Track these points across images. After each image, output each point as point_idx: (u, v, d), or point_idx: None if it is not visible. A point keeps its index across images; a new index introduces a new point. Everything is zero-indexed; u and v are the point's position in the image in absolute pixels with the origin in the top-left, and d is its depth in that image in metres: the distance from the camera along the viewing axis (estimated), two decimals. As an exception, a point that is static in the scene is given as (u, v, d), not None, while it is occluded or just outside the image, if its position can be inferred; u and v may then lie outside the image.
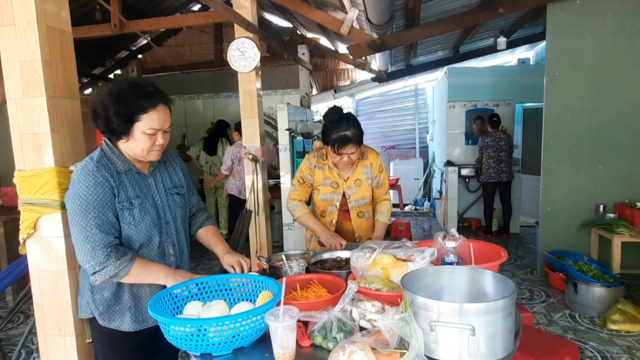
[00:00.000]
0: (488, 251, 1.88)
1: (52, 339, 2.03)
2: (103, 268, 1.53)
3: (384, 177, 2.52)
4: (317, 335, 1.41)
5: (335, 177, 2.47)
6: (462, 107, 6.86)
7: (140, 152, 1.61)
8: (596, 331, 3.35)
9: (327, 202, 2.50)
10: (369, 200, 2.52)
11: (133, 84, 1.59)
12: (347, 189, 2.46)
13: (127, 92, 1.56)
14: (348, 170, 2.46)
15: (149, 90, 1.58)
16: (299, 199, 2.52)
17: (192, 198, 1.95)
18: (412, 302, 1.30)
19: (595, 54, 4.17)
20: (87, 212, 1.53)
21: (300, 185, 2.52)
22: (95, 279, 1.56)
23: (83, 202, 1.54)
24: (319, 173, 2.48)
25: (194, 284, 1.63)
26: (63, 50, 1.99)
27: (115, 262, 1.54)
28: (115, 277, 1.57)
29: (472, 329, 1.20)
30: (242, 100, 4.36)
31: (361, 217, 2.52)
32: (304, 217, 2.47)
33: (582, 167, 4.28)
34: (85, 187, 1.55)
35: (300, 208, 2.49)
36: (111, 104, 1.54)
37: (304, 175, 2.50)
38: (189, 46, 7.72)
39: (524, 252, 5.53)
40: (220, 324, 1.35)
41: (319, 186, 2.49)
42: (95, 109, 1.59)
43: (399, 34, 4.77)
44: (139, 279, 1.62)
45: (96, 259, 1.52)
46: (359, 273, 1.71)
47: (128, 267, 1.56)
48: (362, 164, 2.47)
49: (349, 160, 2.33)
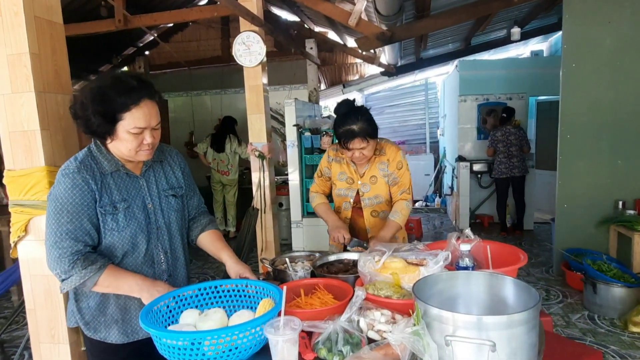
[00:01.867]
0: (505, 253, 1.75)
1: (46, 346, 1.95)
2: (69, 277, 1.42)
3: (402, 175, 2.33)
4: (321, 348, 1.31)
5: (352, 172, 2.36)
6: (473, 101, 6.69)
7: (128, 152, 1.48)
8: (617, 334, 3.20)
9: (341, 197, 2.41)
10: (384, 199, 2.36)
11: (113, 79, 1.45)
12: (362, 185, 2.35)
13: (106, 89, 1.41)
14: (364, 165, 2.34)
15: (131, 85, 1.43)
16: (316, 191, 2.51)
17: (192, 199, 1.80)
18: (424, 313, 1.18)
19: (614, 43, 3.98)
20: (61, 216, 1.43)
21: (319, 178, 2.49)
22: (62, 287, 1.46)
23: (58, 205, 1.43)
24: (335, 167, 2.40)
25: (170, 297, 1.48)
26: (54, 42, 1.89)
27: (81, 271, 1.42)
28: (84, 287, 1.46)
29: (492, 344, 1.07)
30: (248, 96, 4.26)
31: (375, 216, 2.39)
32: (318, 207, 2.45)
33: (601, 162, 4.11)
34: (63, 189, 1.44)
35: (316, 198, 2.47)
36: (90, 102, 1.41)
37: (322, 169, 2.46)
38: (196, 42, 7.63)
39: (539, 250, 5.37)
40: (216, 337, 1.24)
41: (335, 181, 2.42)
42: (75, 108, 1.46)
43: (409, 25, 4.62)
44: (110, 289, 1.50)
45: (62, 266, 1.42)
46: (367, 278, 1.59)
47: (95, 277, 1.44)
48: (379, 159, 2.33)
49: (361, 156, 2.21)
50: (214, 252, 1.80)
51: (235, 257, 1.75)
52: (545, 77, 6.33)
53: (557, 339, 2.04)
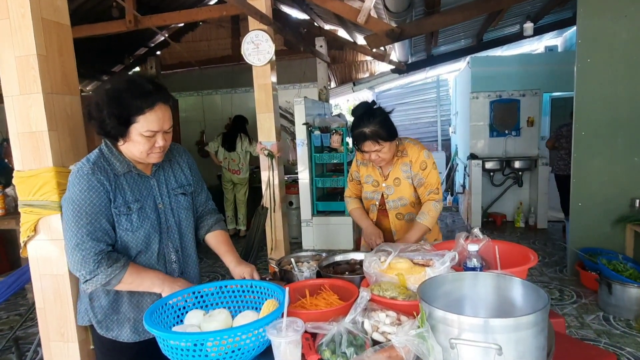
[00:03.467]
0: (515, 253, 1.71)
1: (56, 344, 1.96)
2: (94, 276, 1.45)
3: (427, 175, 2.25)
4: (325, 350, 1.29)
5: (377, 175, 2.35)
6: (485, 98, 6.60)
7: (139, 154, 1.51)
8: (633, 335, 3.12)
9: (368, 200, 2.42)
10: (409, 201, 2.30)
11: (129, 82, 1.46)
12: (386, 188, 2.32)
13: (122, 92, 1.43)
14: (389, 167, 2.32)
15: (146, 89, 1.45)
16: (349, 195, 2.54)
17: (199, 196, 1.82)
18: (429, 315, 1.16)
19: (630, 38, 3.88)
20: (80, 218, 1.45)
21: (350, 182, 2.52)
22: (86, 287, 1.49)
23: (76, 207, 1.45)
24: (363, 170, 2.41)
25: (190, 292, 1.52)
26: (61, 43, 1.90)
27: (107, 269, 1.45)
28: (108, 285, 1.49)
29: (498, 348, 1.05)
30: (257, 95, 4.27)
31: (400, 219, 2.35)
32: (353, 212, 2.48)
33: (616, 159, 4.01)
34: (79, 192, 1.46)
35: (351, 202, 2.51)
36: (105, 104, 1.42)
37: (352, 172, 2.49)
38: (207, 41, 7.65)
39: (552, 249, 5.28)
40: (219, 339, 1.24)
41: (363, 183, 2.43)
42: (89, 109, 1.47)
43: (419, 22, 4.56)
44: (132, 286, 1.53)
45: (87, 267, 1.44)
46: (373, 279, 1.57)
47: (120, 275, 1.48)
48: (401, 161, 2.28)
49: (378, 159, 2.18)
50: (219, 253, 1.82)
51: (238, 259, 1.77)
52: (559, 73, 6.22)
53: (569, 341, 2.00)
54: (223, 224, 1.88)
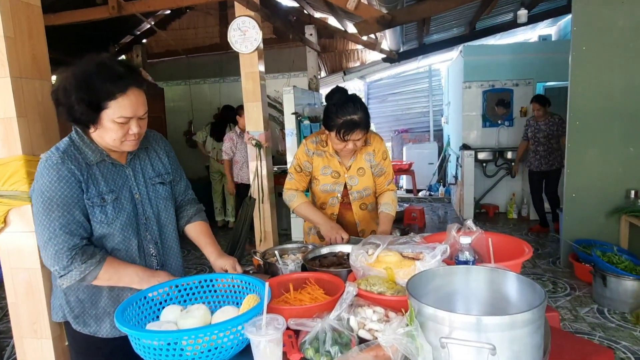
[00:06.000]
0: (509, 246, 1.64)
1: (29, 341, 1.87)
2: (68, 272, 1.37)
3: (387, 165, 2.26)
4: (308, 348, 1.21)
5: (337, 165, 2.22)
6: (478, 88, 6.53)
7: (112, 142, 1.41)
8: (628, 329, 3.08)
9: (327, 193, 2.26)
10: (372, 191, 2.28)
11: (99, 64, 1.36)
12: (349, 178, 2.23)
13: (91, 75, 1.33)
14: (350, 157, 2.22)
15: (117, 72, 1.35)
16: (295, 189, 2.28)
17: (178, 185, 1.73)
18: (418, 312, 1.08)
19: (627, 24, 3.81)
20: (51, 210, 1.36)
21: (297, 174, 2.27)
22: (61, 282, 1.40)
23: (46, 199, 1.36)
24: (317, 161, 2.24)
25: (168, 286, 1.43)
26: (30, 25, 1.79)
27: (81, 265, 1.37)
28: (84, 281, 1.41)
29: (492, 347, 0.97)
30: (245, 83, 4.17)
31: (364, 209, 2.29)
32: (301, 207, 2.23)
33: (611, 150, 3.96)
34: (49, 182, 1.36)
35: (297, 198, 2.25)
36: (73, 89, 1.32)
37: (301, 163, 2.26)
38: (194, 29, 7.47)
39: (545, 241, 5.25)
40: (193, 337, 1.15)
41: (318, 176, 2.25)
42: (57, 94, 1.37)
43: (410, 8, 4.45)
44: (110, 282, 1.45)
45: (60, 263, 1.36)
46: (360, 273, 1.49)
47: (96, 271, 1.39)
48: (364, 150, 2.22)
49: (353, 148, 2.09)
50: (199, 244, 1.74)
51: (219, 251, 1.69)
52: (553, 62, 6.15)
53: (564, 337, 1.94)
54: (203, 215, 1.79)
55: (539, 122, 5.37)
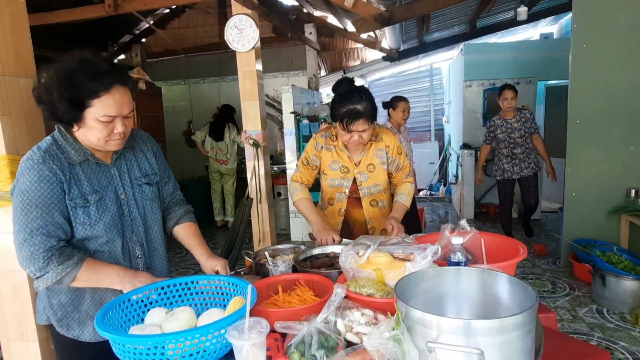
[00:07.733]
0: (504, 247, 1.61)
1: (15, 344, 1.84)
2: (44, 274, 1.33)
3: (403, 160, 2.24)
4: (293, 352, 1.17)
5: (346, 160, 2.20)
6: (479, 86, 6.48)
7: (97, 141, 1.37)
8: (627, 329, 3.03)
9: (335, 188, 2.23)
10: (383, 187, 2.24)
11: (82, 61, 1.32)
12: (359, 174, 2.19)
13: (74, 72, 1.29)
14: (360, 152, 2.19)
15: (101, 69, 1.31)
16: (300, 181, 2.26)
17: (166, 186, 1.69)
18: (406, 315, 1.04)
19: (628, 22, 3.75)
20: (29, 211, 1.32)
21: (304, 167, 2.26)
22: (38, 284, 1.36)
23: (25, 199, 1.32)
24: (326, 155, 2.22)
25: (153, 288, 1.40)
26: (14, 21, 1.75)
27: (57, 267, 1.32)
28: (61, 283, 1.36)
29: (480, 352, 0.93)
30: (242, 82, 4.12)
31: (374, 206, 2.24)
32: (300, 203, 2.21)
33: (612, 148, 3.90)
34: (29, 182, 1.33)
35: (299, 191, 2.22)
36: (55, 86, 1.29)
37: (309, 156, 2.25)
38: (193, 28, 7.43)
39: (546, 240, 5.19)
40: (174, 341, 1.12)
41: (326, 170, 2.23)
42: (38, 92, 1.33)
43: (409, 5, 4.39)
44: (89, 283, 1.41)
45: (36, 264, 1.32)
46: (350, 274, 1.46)
47: (73, 272, 1.35)
48: (375, 146, 2.19)
49: (359, 140, 2.05)
50: (189, 246, 1.71)
51: (209, 252, 1.66)
52: (554, 61, 6.10)
53: (561, 338, 1.89)
54: (192, 216, 1.75)
55: (508, 119, 4.59)
